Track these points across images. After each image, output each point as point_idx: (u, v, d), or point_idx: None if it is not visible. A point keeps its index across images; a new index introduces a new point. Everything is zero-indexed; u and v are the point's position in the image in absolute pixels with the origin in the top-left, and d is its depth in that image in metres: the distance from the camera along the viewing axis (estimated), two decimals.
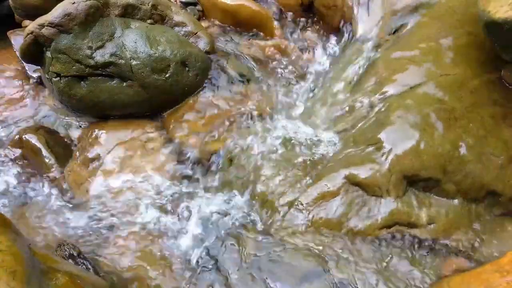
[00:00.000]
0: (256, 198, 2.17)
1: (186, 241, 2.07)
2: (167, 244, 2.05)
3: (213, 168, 2.35)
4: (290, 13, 3.05)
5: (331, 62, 2.81)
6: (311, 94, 2.65)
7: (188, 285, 1.90)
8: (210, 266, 1.96)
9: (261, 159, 2.31)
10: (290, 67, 2.83)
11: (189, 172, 2.33)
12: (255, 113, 2.56)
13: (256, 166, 2.29)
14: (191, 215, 2.16)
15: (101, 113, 2.55)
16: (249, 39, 2.94)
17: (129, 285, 1.91)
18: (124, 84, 2.45)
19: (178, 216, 2.17)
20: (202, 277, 1.92)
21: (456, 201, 2.06)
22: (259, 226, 2.07)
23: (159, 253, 2.02)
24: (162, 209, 2.19)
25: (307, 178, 2.17)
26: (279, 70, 2.81)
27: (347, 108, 2.40)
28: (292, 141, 2.36)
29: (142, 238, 2.07)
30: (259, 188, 2.19)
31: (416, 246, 1.97)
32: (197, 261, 1.98)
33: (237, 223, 2.10)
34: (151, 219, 2.15)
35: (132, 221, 2.15)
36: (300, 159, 2.26)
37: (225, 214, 2.15)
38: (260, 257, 1.97)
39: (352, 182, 2.05)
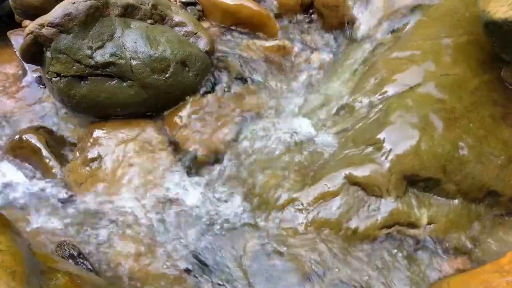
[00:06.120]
0: (256, 197, 2.17)
1: (187, 240, 2.06)
2: (168, 243, 2.05)
3: (213, 167, 2.35)
4: (290, 13, 3.05)
5: (331, 61, 2.81)
6: (311, 94, 2.65)
7: (188, 284, 1.90)
8: (211, 265, 1.96)
9: (261, 158, 2.31)
10: (290, 67, 2.83)
11: (189, 171, 2.34)
12: (254, 112, 2.56)
13: (256, 165, 2.29)
14: (191, 214, 2.16)
15: (101, 113, 2.55)
16: (249, 39, 2.94)
17: (129, 285, 1.91)
18: (124, 84, 2.45)
19: (178, 215, 2.17)
20: (202, 276, 1.92)
21: (456, 201, 2.06)
22: (259, 226, 2.07)
23: (159, 252, 2.02)
24: (163, 208, 2.19)
25: (307, 178, 2.17)
26: (279, 70, 2.81)
27: (347, 108, 2.40)
28: (292, 140, 2.36)
29: (143, 237, 2.07)
30: (259, 187, 2.19)
31: (416, 246, 1.97)
32: (198, 260, 1.98)
33: (236, 222, 2.10)
34: (152, 218, 2.15)
35: (132, 220, 2.15)
36: (300, 159, 2.26)
37: (225, 213, 2.15)
38: (260, 256, 1.97)
39: (352, 182, 2.05)
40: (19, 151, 2.45)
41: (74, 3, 2.37)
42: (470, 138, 2.09)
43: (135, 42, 2.45)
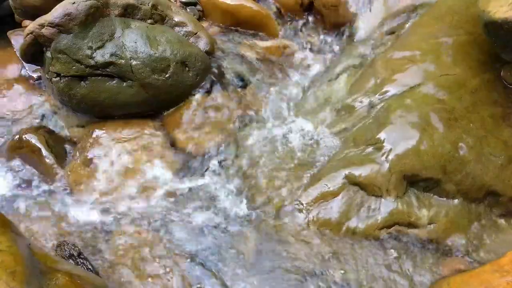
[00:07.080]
0: (256, 196, 2.17)
1: (187, 239, 2.07)
2: (168, 242, 2.05)
3: (213, 167, 2.35)
4: (290, 13, 3.05)
5: (331, 61, 2.81)
6: (311, 94, 2.65)
7: (189, 283, 1.90)
8: (211, 265, 1.96)
9: (261, 158, 2.32)
10: (289, 67, 2.83)
11: (189, 171, 2.34)
12: (254, 112, 2.56)
13: (255, 165, 2.29)
14: (191, 214, 2.16)
15: (101, 113, 2.55)
16: (249, 39, 2.94)
17: (129, 284, 1.91)
18: (124, 84, 2.45)
19: (178, 214, 2.17)
20: (203, 276, 1.92)
21: (456, 201, 2.06)
22: (259, 225, 2.07)
23: (160, 252, 2.02)
24: (162, 207, 2.19)
25: (307, 178, 2.17)
26: (278, 69, 2.81)
27: (347, 108, 2.40)
28: (292, 140, 2.37)
29: (143, 236, 2.07)
30: (259, 186, 2.19)
31: (416, 246, 1.97)
32: (198, 260, 1.98)
33: (236, 221, 2.10)
34: (152, 218, 2.15)
35: (132, 220, 2.15)
36: (299, 159, 2.26)
37: (224, 213, 2.15)
38: (260, 256, 1.97)
39: (352, 182, 2.05)
40: (19, 151, 2.45)
41: (74, 3, 2.37)
42: (470, 138, 2.09)
43: (135, 42, 2.45)
